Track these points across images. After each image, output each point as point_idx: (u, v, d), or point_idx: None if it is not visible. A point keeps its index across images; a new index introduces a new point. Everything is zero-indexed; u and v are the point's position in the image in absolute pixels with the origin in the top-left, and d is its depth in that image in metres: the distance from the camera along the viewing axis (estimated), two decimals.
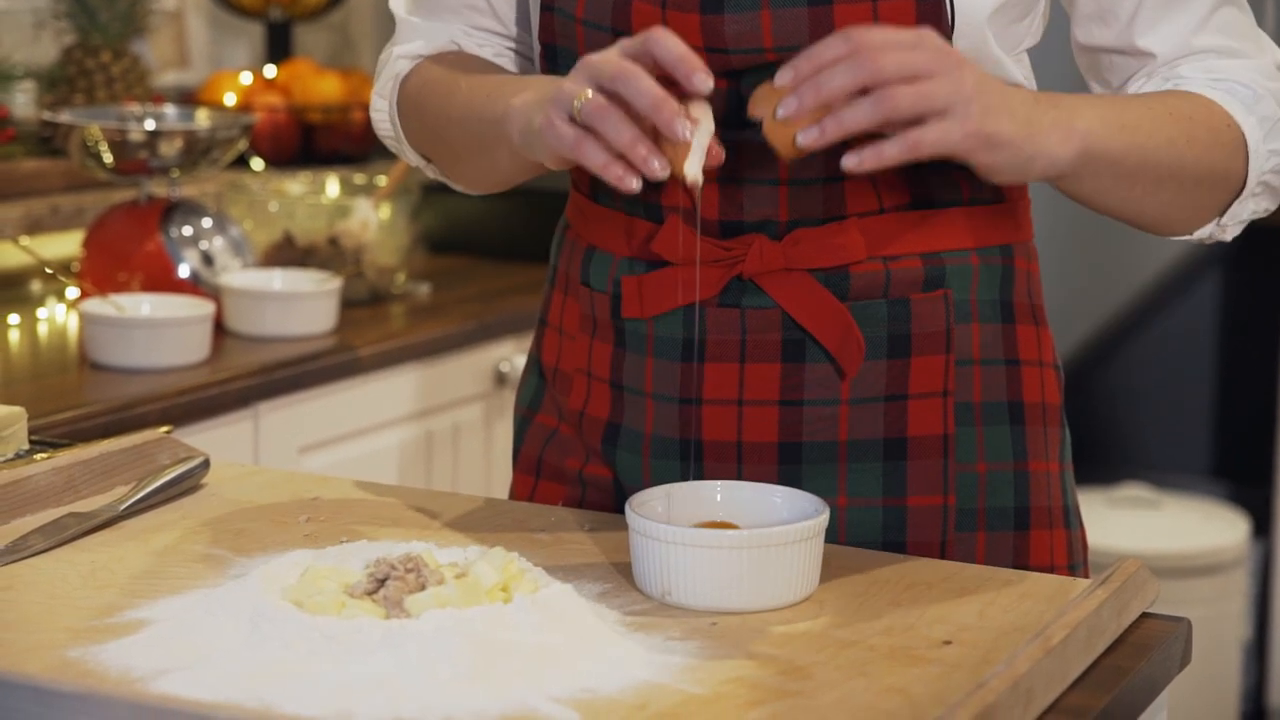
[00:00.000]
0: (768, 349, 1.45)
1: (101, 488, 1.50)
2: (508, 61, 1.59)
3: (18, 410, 1.59)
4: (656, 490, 1.34)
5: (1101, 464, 4.50)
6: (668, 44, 1.29)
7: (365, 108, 3.14)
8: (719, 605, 1.26)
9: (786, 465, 1.46)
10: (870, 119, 1.28)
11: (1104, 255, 4.28)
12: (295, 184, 2.84)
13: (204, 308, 2.31)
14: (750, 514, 1.33)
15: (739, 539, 1.26)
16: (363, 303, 2.67)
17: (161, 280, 2.41)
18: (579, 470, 1.55)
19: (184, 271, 2.43)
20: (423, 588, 1.18)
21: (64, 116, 2.48)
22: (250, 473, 1.58)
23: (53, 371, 2.26)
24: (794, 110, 1.27)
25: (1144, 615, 1.29)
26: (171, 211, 2.46)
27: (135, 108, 2.63)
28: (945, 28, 1.39)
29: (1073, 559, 1.54)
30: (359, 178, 2.88)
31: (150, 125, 2.51)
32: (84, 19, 2.88)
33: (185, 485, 1.50)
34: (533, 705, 1.08)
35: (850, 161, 1.29)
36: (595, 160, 1.29)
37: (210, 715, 1.02)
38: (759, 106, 1.32)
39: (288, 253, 2.66)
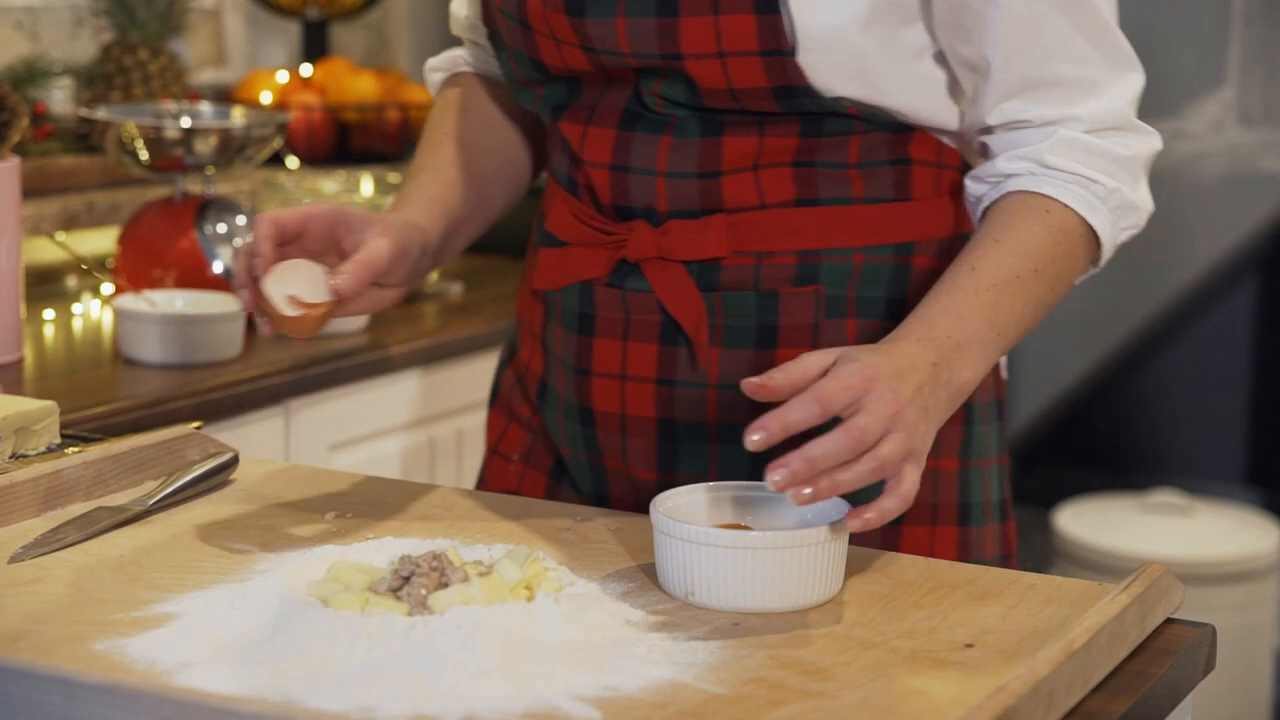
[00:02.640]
0: (647, 330, 1.53)
1: (131, 482, 1.51)
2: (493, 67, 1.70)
3: (50, 404, 1.61)
4: (682, 490, 1.35)
5: (1134, 470, 4.49)
6: (256, 232, 1.40)
7: (400, 107, 3.16)
8: (742, 605, 1.26)
9: (665, 441, 1.54)
10: (864, 482, 1.26)
11: (1139, 261, 4.26)
12: (330, 182, 2.84)
13: (237, 305, 2.32)
14: (775, 515, 1.34)
15: (763, 540, 1.26)
16: None
17: (195, 277, 2.42)
18: (528, 417, 1.66)
19: (218, 268, 2.44)
20: (446, 585, 1.19)
21: (101, 113, 2.49)
22: (278, 469, 1.58)
23: (86, 366, 2.27)
24: (785, 480, 1.24)
25: (1169, 621, 1.29)
26: (206, 209, 2.47)
27: (171, 105, 2.64)
28: (786, 45, 1.42)
29: (963, 557, 1.55)
30: (393, 177, 2.89)
31: (186, 123, 2.52)
32: (122, 17, 2.90)
33: (214, 481, 1.51)
34: (554, 703, 1.09)
35: (856, 524, 1.27)
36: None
37: (234, 709, 1.03)
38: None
39: None
